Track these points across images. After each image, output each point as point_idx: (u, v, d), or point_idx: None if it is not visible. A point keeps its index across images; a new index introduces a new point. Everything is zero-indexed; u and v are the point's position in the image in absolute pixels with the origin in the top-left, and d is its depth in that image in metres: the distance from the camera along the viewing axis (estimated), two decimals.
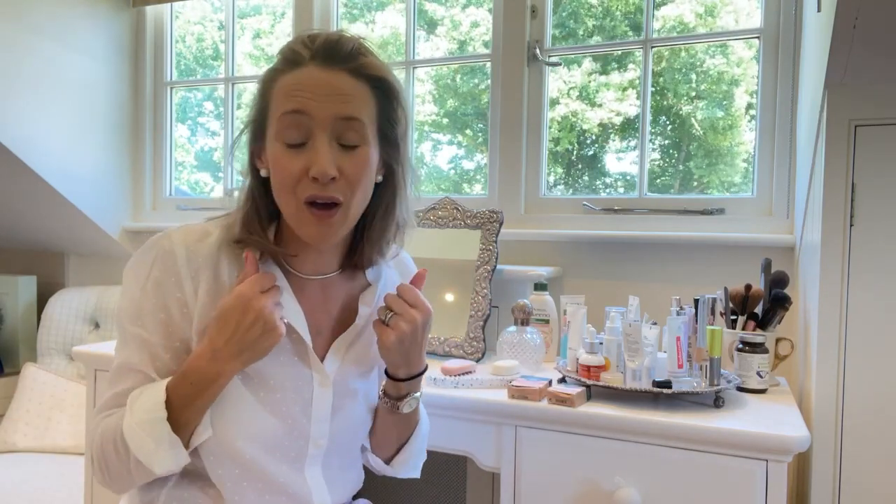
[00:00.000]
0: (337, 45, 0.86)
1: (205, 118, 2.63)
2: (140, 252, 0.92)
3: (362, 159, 0.86)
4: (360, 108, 0.86)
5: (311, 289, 0.96)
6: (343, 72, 0.85)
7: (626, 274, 1.78)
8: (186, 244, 0.90)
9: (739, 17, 1.82)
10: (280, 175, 0.85)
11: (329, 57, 0.85)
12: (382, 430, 1.06)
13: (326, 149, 0.83)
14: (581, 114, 1.98)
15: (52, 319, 2.31)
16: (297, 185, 0.84)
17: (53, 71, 2.16)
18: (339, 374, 0.98)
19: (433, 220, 1.74)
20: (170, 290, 0.89)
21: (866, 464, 1.17)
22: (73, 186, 2.23)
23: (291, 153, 0.84)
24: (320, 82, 0.84)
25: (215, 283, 0.90)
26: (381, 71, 0.88)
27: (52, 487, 1.83)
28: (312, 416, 0.95)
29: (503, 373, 1.35)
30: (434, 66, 2.17)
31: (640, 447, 1.14)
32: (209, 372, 0.84)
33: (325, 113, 0.83)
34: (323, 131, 0.84)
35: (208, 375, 0.84)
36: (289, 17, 2.28)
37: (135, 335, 0.89)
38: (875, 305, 1.16)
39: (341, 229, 0.89)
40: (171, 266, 0.89)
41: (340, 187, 0.85)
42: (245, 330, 0.83)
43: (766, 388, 1.33)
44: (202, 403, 0.85)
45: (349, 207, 0.87)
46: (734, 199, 1.74)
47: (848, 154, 1.17)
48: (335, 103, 0.84)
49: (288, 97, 0.84)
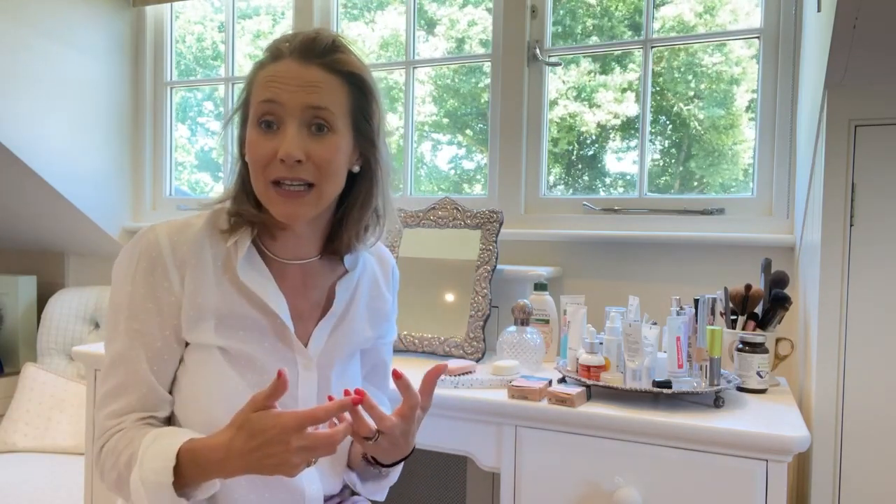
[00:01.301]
0: (314, 42, 0.92)
1: (205, 118, 2.64)
2: (127, 247, 0.96)
3: (331, 145, 0.92)
4: (330, 98, 0.92)
5: (291, 274, 1.00)
6: (317, 66, 0.92)
7: (626, 274, 1.78)
8: (170, 235, 0.94)
9: (738, 16, 1.82)
10: (252, 156, 0.91)
11: (305, 52, 0.92)
12: (362, 472, 1.09)
13: (295, 134, 0.90)
14: (580, 115, 1.98)
15: (51, 319, 2.31)
16: (266, 167, 0.91)
17: (53, 71, 2.16)
18: (323, 358, 1.01)
19: (433, 220, 1.74)
20: (158, 281, 0.93)
21: (866, 464, 1.17)
22: (73, 186, 2.23)
23: (264, 137, 0.91)
24: (293, 74, 0.91)
25: (200, 270, 0.94)
26: (354, 66, 0.94)
27: (52, 487, 1.83)
28: (299, 398, 0.98)
29: (503, 373, 1.35)
30: (434, 67, 2.17)
31: (640, 447, 1.14)
32: (216, 467, 0.84)
33: (296, 102, 0.90)
34: (293, 118, 0.90)
35: (215, 468, 0.84)
36: (289, 17, 2.28)
37: (127, 327, 0.93)
38: (875, 305, 1.16)
39: (311, 209, 0.93)
40: (156, 257, 0.93)
41: (309, 170, 0.91)
42: (266, 456, 0.81)
43: (766, 388, 1.33)
44: (207, 481, 0.87)
45: (321, 190, 0.92)
46: (734, 199, 1.74)
47: (848, 154, 1.17)
48: (306, 93, 0.90)
49: (265, 87, 0.91)
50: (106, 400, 0.93)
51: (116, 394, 0.92)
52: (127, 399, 0.92)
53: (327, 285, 1.04)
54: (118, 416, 0.92)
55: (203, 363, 0.94)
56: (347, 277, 1.05)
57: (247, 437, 0.81)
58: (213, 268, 0.94)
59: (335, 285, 1.04)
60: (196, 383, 0.94)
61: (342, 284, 1.04)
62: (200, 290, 0.93)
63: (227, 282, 0.95)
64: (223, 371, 0.93)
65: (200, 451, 0.85)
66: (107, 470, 0.91)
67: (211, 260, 0.95)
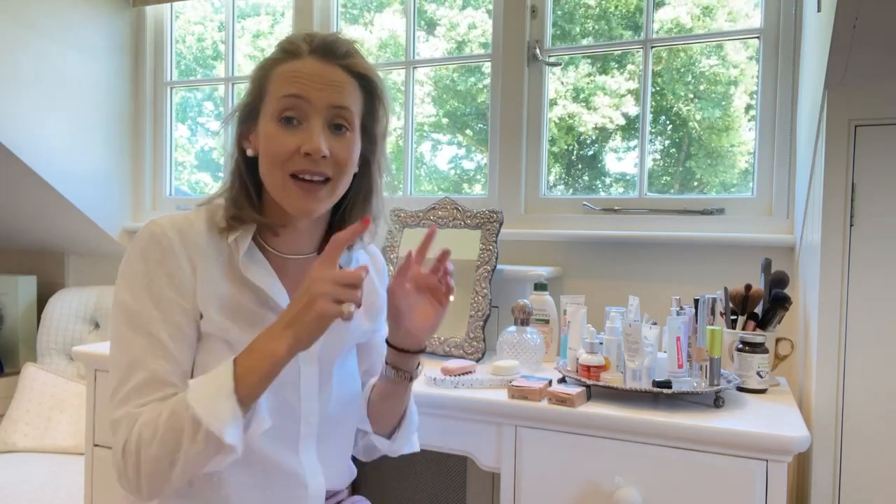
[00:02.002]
0: (334, 44, 0.95)
1: (205, 118, 2.64)
2: (132, 246, 0.94)
3: (349, 143, 0.95)
4: (351, 99, 0.95)
5: (290, 269, 1.01)
6: (337, 66, 0.94)
7: (626, 274, 1.78)
8: (176, 228, 0.94)
9: (737, 17, 1.82)
10: (273, 150, 0.92)
11: (326, 53, 0.94)
12: (384, 408, 1.10)
13: (320, 130, 0.92)
14: (578, 116, 1.98)
15: (51, 319, 2.31)
16: (287, 161, 0.92)
17: (53, 71, 2.16)
18: (323, 352, 1.02)
19: (433, 220, 1.74)
20: (172, 268, 0.92)
21: (866, 464, 1.17)
22: (73, 186, 2.23)
23: (286, 131, 0.92)
24: (318, 72, 0.93)
25: (208, 264, 0.94)
26: (369, 71, 0.98)
27: (52, 487, 1.83)
28: (301, 392, 0.99)
29: (503, 373, 1.35)
30: (433, 67, 2.17)
31: (640, 447, 1.14)
32: (267, 346, 0.85)
33: (322, 100, 0.92)
34: (318, 116, 0.92)
35: (264, 351, 0.85)
36: (288, 17, 2.28)
37: (151, 317, 0.90)
38: (875, 305, 1.16)
39: (325, 203, 0.96)
40: (167, 247, 0.92)
41: (329, 165, 0.93)
42: (301, 305, 0.85)
43: (766, 388, 1.33)
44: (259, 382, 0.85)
45: (336, 185, 0.95)
46: (734, 199, 1.74)
47: (848, 154, 1.17)
48: (330, 92, 0.93)
49: (288, 82, 0.92)
50: (131, 396, 0.88)
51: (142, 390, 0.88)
52: (163, 391, 0.88)
53: None
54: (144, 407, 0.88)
55: (209, 352, 0.94)
56: None
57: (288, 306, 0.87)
58: (217, 263, 0.95)
59: None
60: (199, 374, 0.93)
61: None
62: (210, 282, 0.93)
63: (232, 277, 0.95)
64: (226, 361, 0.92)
65: (252, 344, 0.86)
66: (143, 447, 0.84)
67: (215, 255, 0.95)
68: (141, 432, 0.84)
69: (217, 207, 0.99)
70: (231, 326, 0.93)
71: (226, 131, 1.03)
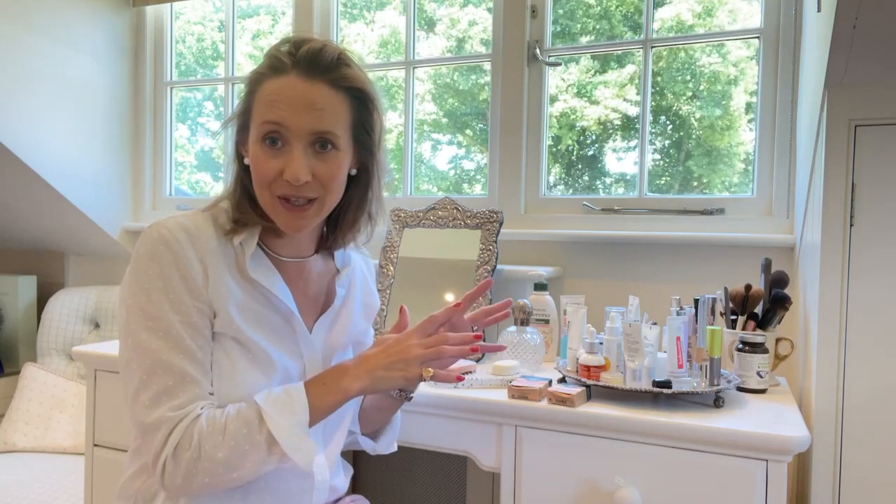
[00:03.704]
0: (319, 55, 0.92)
1: (205, 118, 2.63)
2: (140, 249, 0.93)
3: (334, 164, 0.95)
4: (334, 119, 0.93)
5: (290, 270, 1.03)
6: (322, 83, 0.92)
7: (626, 274, 1.78)
8: (184, 229, 0.94)
9: (737, 16, 1.82)
10: (258, 173, 0.94)
11: (310, 67, 0.92)
12: (377, 417, 1.17)
13: (301, 156, 0.91)
14: (580, 111, 1.98)
15: (52, 319, 2.31)
16: (272, 183, 0.93)
17: (53, 71, 2.16)
18: (325, 350, 1.06)
19: (433, 220, 1.74)
20: (185, 269, 0.92)
21: (866, 464, 1.17)
22: (73, 186, 2.23)
23: (269, 155, 0.92)
24: (299, 93, 0.91)
25: (216, 266, 0.94)
26: (360, 82, 0.96)
27: (52, 487, 1.83)
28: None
29: (503, 373, 1.35)
30: (433, 66, 2.17)
31: (640, 447, 1.14)
32: (339, 385, 0.95)
33: (301, 127, 0.91)
34: (299, 141, 0.92)
35: (338, 387, 0.94)
36: (288, 16, 2.28)
37: (170, 320, 0.90)
38: (875, 305, 1.16)
39: (313, 220, 0.97)
40: (177, 248, 0.92)
41: (314, 187, 0.94)
42: (388, 356, 0.96)
43: (766, 388, 1.33)
44: (325, 413, 0.95)
45: (323, 203, 0.96)
46: (734, 199, 1.74)
47: (848, 154, 1.17)
48: (312, 118, 0.91)
49: (269, 107, 0.92)
50: (161, 398, 0.88)
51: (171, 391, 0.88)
52: (193, 391, 0.89)
53: (323, 281, 1.08)
54: (181, 409, 0.88)
55: (221, 351, 0.94)
56: (346, 274, 1.10)
57: (375, 354, 0.97)
58: (225, 264, 0.96)
59: (333, 281, 1.09)
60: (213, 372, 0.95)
61: (341, 280, 1.09)
62: (222, 282, 0.94)
63: (240, 278, 0.96)
64: (237, 361, 0.94)
65: (326, 371, 0.97)
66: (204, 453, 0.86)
67: (223, 256, 0.96)
68: (202, 442, 0.87)
69: (220, 210, 0.99)
70: (243, 326, 0.94)
71: (225, 132, 1.03)
